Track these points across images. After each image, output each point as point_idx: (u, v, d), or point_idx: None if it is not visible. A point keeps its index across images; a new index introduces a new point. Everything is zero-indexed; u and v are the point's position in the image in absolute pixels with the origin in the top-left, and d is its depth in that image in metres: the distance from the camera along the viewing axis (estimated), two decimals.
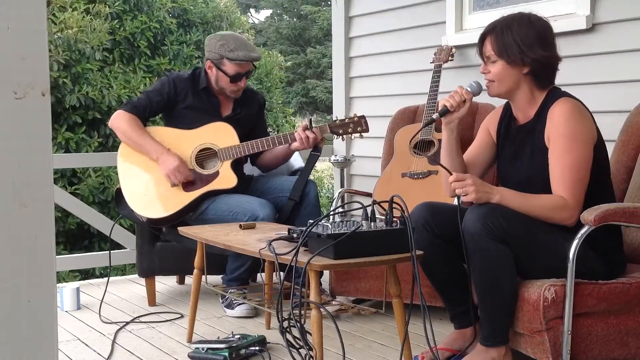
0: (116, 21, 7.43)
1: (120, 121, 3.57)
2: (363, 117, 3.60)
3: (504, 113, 2.71)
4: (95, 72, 6.99)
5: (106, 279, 4.03)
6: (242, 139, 3.57)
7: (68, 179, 6.66)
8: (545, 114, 2.49)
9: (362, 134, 3.60)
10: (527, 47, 2.47)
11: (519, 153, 2.59)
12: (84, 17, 7.02)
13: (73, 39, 6.82)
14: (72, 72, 6.82)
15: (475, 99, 3.57)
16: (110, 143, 6.94)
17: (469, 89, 2.61)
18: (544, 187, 2.45)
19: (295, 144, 3.54)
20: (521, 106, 2.59)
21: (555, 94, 2.54)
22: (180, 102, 3.62)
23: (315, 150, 3.66)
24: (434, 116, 2.63)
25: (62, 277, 5.98)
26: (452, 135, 2.64)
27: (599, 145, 2.49)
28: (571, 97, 2.52)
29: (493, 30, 2.53)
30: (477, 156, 2.74)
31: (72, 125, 6.81)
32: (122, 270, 5.96)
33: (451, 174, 2.46)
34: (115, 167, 3.69)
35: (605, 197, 2.51)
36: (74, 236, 6.71)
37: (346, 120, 3.61)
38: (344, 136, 3.66)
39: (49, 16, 6.91)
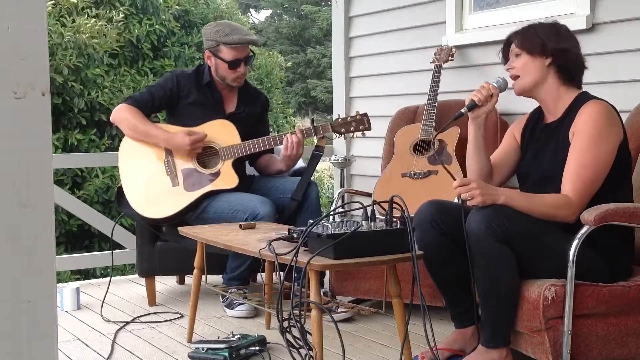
0: (122, 24, 7.43)
1: (122, 113, 3.57)
2: (365, 114, 3.59)
3: (531, 118, 2.74)
4: (104, 77, 7.02)
5: (106, 278, 4.04)
6: (243, 138, 3.56)
7: (72, 179, 6.65)
8: (574, 113, 2.52)
9: (364, 132, 3.59)
10: (547, 38, 2.55)
11: (542, 150, 2.61)
12: (96, 22, 7.03)
13: (84, 43, 6.83)
14: (82, 77, 6.83)
15: None
16: (116, 143, 6.94)
17: (495, 84, 2.65)
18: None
19: (283, 152, 3.55)
20: (548, 104, 2.62)
21: (585, 95, 2.58)
22: (183, 97, 3.62)
23: (317, 150, 3.66)
24: (462, 110, 2.64)
25: (62, 279, 5.97)
26: (479, 130, 2.66)
27: (623, 146, 2.50)
28: (603, 100, 2.54)
29: (515, 32, 2.65)
30: (503, 159, 2.76)
31: (76, 127, 6.81)
32: (121, 271, 5.96)
33: (454, 179, 2.46)
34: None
35: (623, 198, 2.51)
36: (74, 236, 6.71)
37: (348, 119, 3.60)
38: (346, 135, 3.65)
39: (58, 18, 6.92)
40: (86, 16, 7.09)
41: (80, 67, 6.80)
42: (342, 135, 3.63)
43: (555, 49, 2.55)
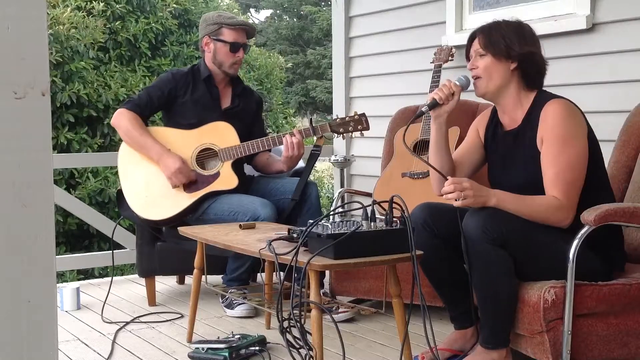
0: (118, 22, 7.41)
1: (122, 120, 3.57)
2: (363, 115, 3.59)
3: (492, 117, 2.70)
4: (90, 70, 6.94)
5: (106, 278, 4.03)
6: (240, 135, 3.57)
7: (66, 180, 6.63)
8: (536, 117, 2.49)
9: (362, 132, 3.60)
10: (512, 41, 2.51)
11: (509, 161, 2.58)
12: (75, 13, 6.96)
13: (65, 35, 6.75)
14: (65, 70, 6.75)
15: (477, 99, 3.58)
16: (108, 142, 6.90)
17: (457, 83, 2.60)
18: (540, 193, 2.44)
19: (284, 154, 3.55)
20: (508, 109, 2.59)
21: (543, 95, 2.54)
22: (180, 96, 3.63)
23: (315, 150, 3.67)
24: (423, 109, 2.61)
25: (64, 278, 5.97)
26: (440, 130, 2.63)
27: (590, 139, 2.48)
28: (561, 97, 2.53)
29: (481, 30, 2.59)
30: (466, 156, 2.72)
31: (65, 124, 6.76)
32: (121, 270, 5.96)
33: (446, 179, 2.44)
34: (113, 169, 3.69)
35: (601, 191, 2.51)
36: (74, 236, 6.71)
37: (347, 119, 3.61)
38: (345, 135, 3.65)
39: None
40: (64, 8, 7.01)
41: (63, 61, 6.73)
42: (341, 135, 3.63)
43: (520, 53, 2.51)
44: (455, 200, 2.37)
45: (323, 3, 20.49)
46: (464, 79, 2.62)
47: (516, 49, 2.50)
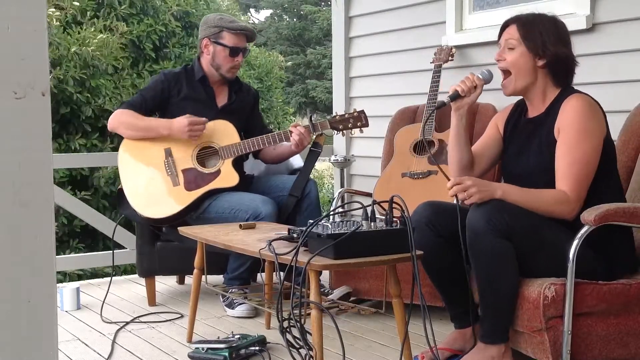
0: (125, 36, 7.44)
1: (120, 117, 3.58)
2: (362, 111, 3.61)
3: (514, 110, 2.73)
4: (108, 85, 7.04)
5: (106, 278, 4.03)
6: (239, 131, 3.59)
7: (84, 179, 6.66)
8: (557, 109, 2.51)
9: (362, 128, 3.61)
10: (549, 39, 2.53)
11: (525, 146, 2.60)
12: (101, 32, 7.05)
13: (90, 55, 6.86)
14: (87, 87, 6.85)
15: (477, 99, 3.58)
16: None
17: (480, 76, 2.62)
18: (550, 180, 2.46)
19: (294, 150, 3.56)
20: (534, 101, 2.61)
21: (568, 90, 2.57)
22: (174, 95, 3.63)
23: (315, 147, 3.67)
24: (445, 100, 2.63)
25: (76, 276, 5.97)
26: (461, 122, 2.65)
27: (607, 139, 2.50)
28: (585, 93, 2.55)
29: (518, 19, 2.59)
30: (485, 150, 2.74)
31: (78, 133, 6.84)
32: (126, 272, 5.95)
33: (449, 179, 2.46)
34: None
35: (610, 190, 2.52)
36: (76, 235, 6.71)
37: (346, 116, 3.63)
38: (344, 132, 3.66)
39: (64, 28, 6.93)
40: (92, 29, 7.10)
41: (85, 79, 6.84)
42: (341, 132, 3.64)
43: (553, 53, 2.53)
44: (464, 200, 2.39)
45: (323, 3, 20.50)
46: (487, 72, 2.64)
47: (551, 48, 2.52)
